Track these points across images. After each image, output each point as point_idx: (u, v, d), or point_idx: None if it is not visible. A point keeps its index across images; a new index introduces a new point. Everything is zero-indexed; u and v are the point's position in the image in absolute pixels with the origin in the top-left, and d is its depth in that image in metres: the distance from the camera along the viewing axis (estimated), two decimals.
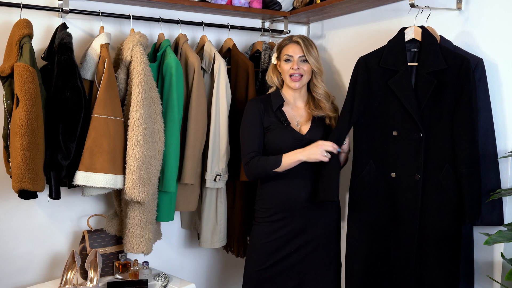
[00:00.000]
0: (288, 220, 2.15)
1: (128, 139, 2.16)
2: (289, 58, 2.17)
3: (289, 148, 2.11)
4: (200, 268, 2.96)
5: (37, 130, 1.96)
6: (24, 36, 2.02)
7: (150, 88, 2.22)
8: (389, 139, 2.04)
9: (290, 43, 2.19)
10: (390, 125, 2.03)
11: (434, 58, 1.97)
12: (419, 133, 1.95)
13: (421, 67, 1.98)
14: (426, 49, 1.99)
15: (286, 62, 2.18)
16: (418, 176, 1.96)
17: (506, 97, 2.05)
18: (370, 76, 2.06)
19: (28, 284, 2.37)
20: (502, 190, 1.91)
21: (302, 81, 2.18)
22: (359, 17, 2.75)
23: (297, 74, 2.16)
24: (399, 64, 2.00)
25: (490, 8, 2.10)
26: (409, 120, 1.97)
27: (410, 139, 1.98)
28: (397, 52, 2.03)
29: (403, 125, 1.99)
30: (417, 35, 2.04)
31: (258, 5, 2.76)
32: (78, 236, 2.50)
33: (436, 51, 1.98)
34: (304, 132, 2.18)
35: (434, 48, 1.98)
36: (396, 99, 1.99)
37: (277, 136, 2.14)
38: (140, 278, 2.33)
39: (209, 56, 2.50)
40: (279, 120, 2.18)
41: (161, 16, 2.54)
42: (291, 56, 2.17)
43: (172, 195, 2.38)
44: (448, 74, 1.95)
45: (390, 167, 2.05)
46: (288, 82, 2.19)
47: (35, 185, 1.95)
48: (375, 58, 2.07)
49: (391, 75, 2.02)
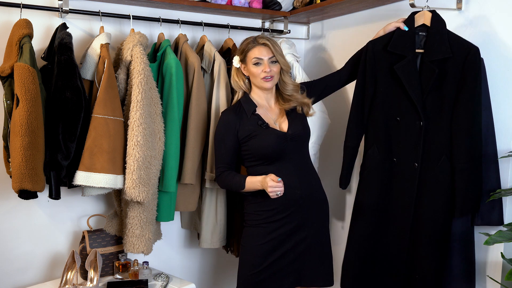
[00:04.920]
0: (287, 219, 2.15)
1: (128, 139, 2.16)
2: (259, 61, 2.14)
3: (276, 149, 2.11)
4: (200, 268, 2.96)
5: (37, 130, 1.96)
6: (24, 36, 2.02)
7: (150, 88, 2.22)
8: (392, 125, 2.04)
9: (257, 45, 2.15)
10: (394, 110, 2.03)
11: (440, 46, 1.94)
12: (420, 122, 1.95)
13: (426, 55, 1.96)
14: (433, 36, 1.96)
15: (255, 65, 2.15)
16: (416, 165, 1.97)
17: (506, 96, 2.05)
18: (377, 60, 2.06)
19: (28, 284, 2.37)
20: (502, 190, 1.91)
21: (274, 81, 2.18)
22: (359, 17, 2.75)
23: (269, 76, 2.15)
24: (407, 49, 1.98)
25: (490, 8, 2.10)
26: (412, 108, 1.96)
27: (411, 127, 1.98)
28: (406, 37, 2.00)
29: (406, 111, 1.99)
30: (426, 21, 2.01)
31: (258, 5, 2.76)
32: (78, 236, 2.50)
33: (443, 38, 1.95)
34: (285, 129, 2.18)
35: (441, 35, 1.95)
36: (401, 85, 1.98)
37: (261, 140, 2.12)
38: (140, 278, 2.33)
39: (209, 56, 2.50)
40: (258, 124, 2.16)
41: (161, 16, 2.54)
42: (260, 59, 2.14)
43: (172, 195, 2.38)
44: (452, 63, 1.93)
45: (392, 153, 2.06)
46: (261, 83, 2.16)
47: (35, 185, 1.95)
48: (383, 42, 2.06)
49: (397, 60, 2.00)
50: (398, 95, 2.00)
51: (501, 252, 1.88)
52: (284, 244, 2.15)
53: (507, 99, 2.05)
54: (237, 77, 2.24)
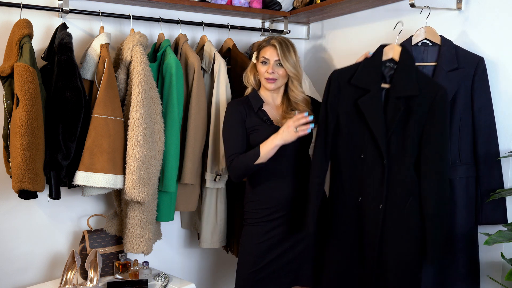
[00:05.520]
0: (285, 218, 2.15)
1: (128, 139, 2.16)
2: (265, 61, 2.15)
3: None
4: (200, 268, 2.96)
5: (37, 130, 1.96)
6: (24, 36, 2.02)
7: (150, 88, 2.22)
8: (356, 162, 1.94)
9: (268, 45, 2.16)
10: (358, 147, 1.93)
11: (407, 82, 1.86)
12: (382, 161, 1.86)
13: (392, 90, 1.87)
14: (401, 72, 1.88)
15: (262, 64, 2.16)
16: (381, 206, 1.89)
17: (507, 96, 2.05)
18: (342, 92, 1.95)
19: (28, 284, 2.37)
20: (503, 190, 1.91)
21: (277, 84, 2.17)
22: (359, 17, 2.75)
23: (271, 78, 2.15)
24: (372, 83, 1.88)
25: (490, 8, 2.10)
26: (375, 146, 1.87)
27: (376, 165, 1.89)
28: (371, 70, 1.91)
29: (369, 148, 1.89)
30: (395, 55, 1.93)
31: (258, 5, 2.76)
32: (78, 236, 2.50)
33: (411, 75, 1.87)
34: None
35: (409, 71, 1.87)
36: (365, 120, 1.88)
37: (262, 135, 2.12)
38: (140, 278, 2.33)
39: (209, 56, 2.50)
40: (262, 119, 2.17)
41: (161, 16, 2.54)
42: (267, 59, 2.15)
43: (172, 195, 2.38)
44: (419, 101, 1.85)
45: (357, 191, 1.96)
46: (264, 83, 2.18)
47: (35, 185, 1.95)
48: (348, 74, 1.95)
49: (361, 94, 1.90)
50: (362, 130, 1.90)
51: (501, 252, 1.88)
52: (282, 243, 2.15)
53: (507, 99, 2.05)
54: (250, 72, 2.26)
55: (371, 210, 1.92)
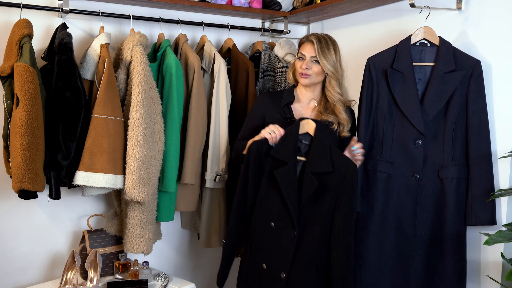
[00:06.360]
0: None
1: (128, 139, 2.16)
2: (302, 57, 2.15)
3: None
4: (200, 268, 2.96)
5: (37, 130, 1.96)
6: (24, 36, 2.02)
7: (150, 88, 2.22)
8: (266, 230, 1.99)
9: (306, 41, 2.16)
10: (270, 215, 1.98)
11: (321, 159, 1.92)
12: (293, 231, 1.92)
13: (308, 165, 1.94)
14: (315, 148, 1.94)
15: (299, 59, 2.17)
16: (284, 275, 1.93)
17: (506, 97, 2.05)
18: (262, 161, 2.01)
19: (28, 284, 2.37)
20: (502, 190, 1.91)
21: (311, 80, 2.15)
22: (359, 17, 2.75)
23: (304, 73, 2.14)
24: (289, 156, 1.95)
25: (490, 8, 2.10)
26: (287, 215, 1.93)
27: (285, 234, 1.94)
28: (289, 143, 1.97)
29: (281, 218, 1.95)
30: (310, 130, 1.98)
31: (258, 5, 2.76)
32: (78, 236, 2.50)
33: (325, 152, 1.93)
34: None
35: (324, 148, 1.93)
36: (280, 191, 1.94)
37: None
38: (140, 278, 2.33)
39: (209, 56, 2.51)
40: (284, 117, 2.17)
41: (161, 16, 2.54)
42: (304, 55, 2.15)
43: (172, 195, 2.38)
44: (333, 178, 1.92)
45: (263, 258, 2.00)
46: (298, 77, 2.18)
47: (35, 185, 1.95)
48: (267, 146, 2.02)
49: (279, 165, 1.96)
50: (276, 200, 1.96)
51: (501, 252, 1.88)
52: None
53: (507, 99, 2.05)
54: (290, 69, 2.27)
55: (274, 278, 1.96)
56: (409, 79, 2.11)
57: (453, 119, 2.05)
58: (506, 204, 2.05)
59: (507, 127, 2.05)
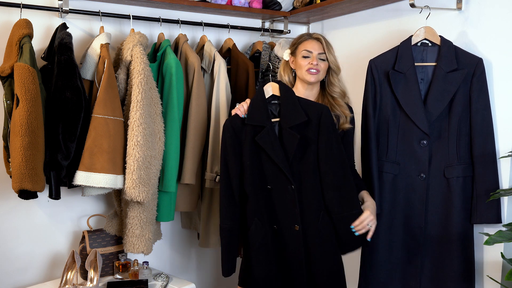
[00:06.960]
0: None
1: (128, 139, 2.16)
2: (308, 54, 2.13)
3: None
4: (200, 268, 2.96)
5: (37, 130, 1.96)
6: (24, 36, 2.02)
7: (150, 88, 2.22)
8: (266, 193, 2.03)
9: (310, 39, 2.15)
10: (264, 179, 2.02)
11: (294, 112, 1.97)
12: (291, 185, 1.96)
13: (283, 122, 1.98)
14: (285, 104, 1.99)
15: (304, 58, 2.14)
16: (298, 227, 1.97)
17: (507, 96, 2.05)
18: (239, 135, 2.04)
19: (28, 284, 2.37)
20: (502, 190, 1.91)
21: (318, 77, 2.14)
22: (359, 17, 2.75)
23: (314, 69, 2.13)
24: (264, 120, 1.99)
25: (490, 8, 2.10)
26: (280, 174, 1.97)
27: (284, 192, 1.98)
28: (260, 108, 2.01)
29: (276, 178, 1.99)
30: (275, 91, 2.02)
31: (258, 5, 2.76)
32: (78, 236, 2.50)
33: (295, 105, 1.98)
34: None
35: (293, 102, 1.99)
36: (266, 154, 1.98)
37: None
38: (140, 278, 2.33)
39: (209, 56, 2.51)
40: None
41: (161, 16, 2.54)
42: (310, 52, 2.13)
43: (172, 195, 2.38)
44: (310, 128, 1.97)
45: (272, 220, 2.03)
46: (305, 75, 2.14)
47: (35, 185, 1.95)
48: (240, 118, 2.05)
49: (258, 131, 2.00)
50: (266, 164, 2.00)
51: (501, 252, 1.88)
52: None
53: (508, 99, 2.05)
54: (283, 72, 2.25)
55: (290, 234, 1.99)
56: (411, 80, 2.11)
57: (457, 118, 2.06)
58: (506, 204, 2.05)
59: (508, 127, 2.05)
